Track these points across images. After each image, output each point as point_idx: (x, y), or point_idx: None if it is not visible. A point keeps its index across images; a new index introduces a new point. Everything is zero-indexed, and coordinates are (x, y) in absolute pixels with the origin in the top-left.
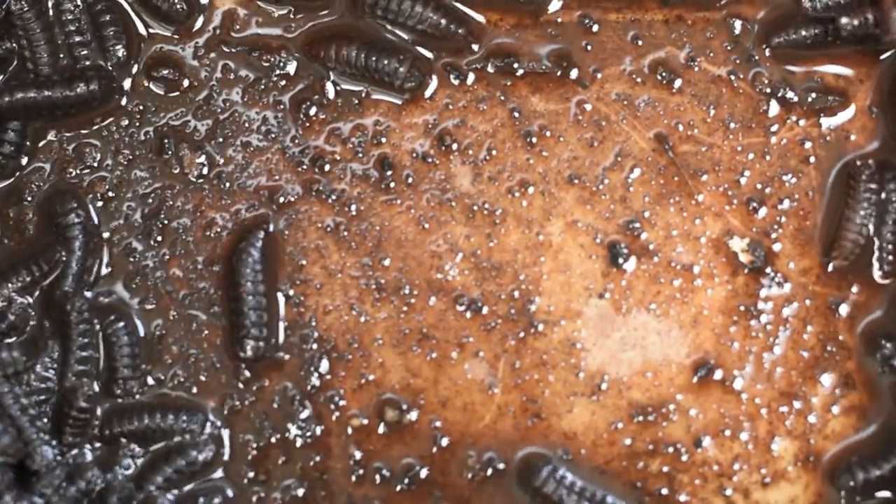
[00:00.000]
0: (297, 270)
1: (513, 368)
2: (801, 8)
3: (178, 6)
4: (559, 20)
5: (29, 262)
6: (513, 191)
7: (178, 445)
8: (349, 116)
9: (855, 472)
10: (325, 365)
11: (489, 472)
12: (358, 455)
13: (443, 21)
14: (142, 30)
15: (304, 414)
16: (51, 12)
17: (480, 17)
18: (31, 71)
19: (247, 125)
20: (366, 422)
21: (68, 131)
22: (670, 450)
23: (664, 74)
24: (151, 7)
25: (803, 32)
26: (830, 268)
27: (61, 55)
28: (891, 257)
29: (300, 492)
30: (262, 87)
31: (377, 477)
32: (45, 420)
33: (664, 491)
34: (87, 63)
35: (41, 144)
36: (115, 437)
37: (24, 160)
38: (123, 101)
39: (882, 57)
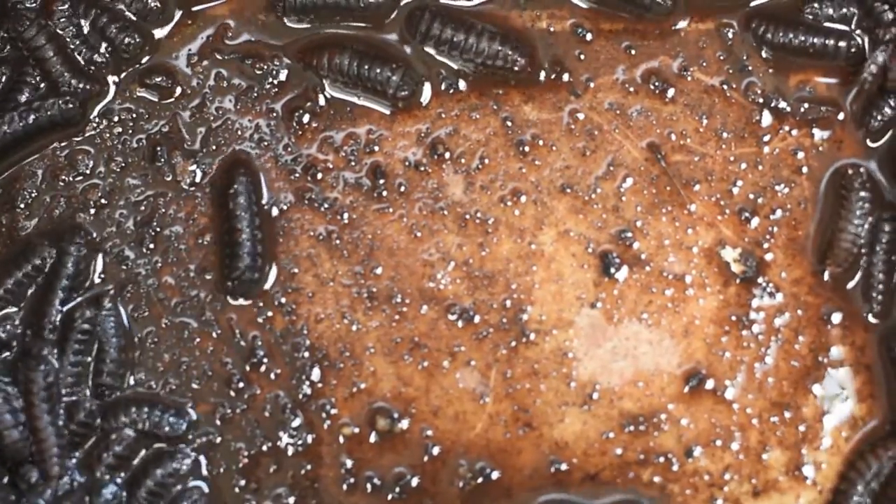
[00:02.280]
0: (289, 279)
1: (504, 378)
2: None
3: (153, 5)
4: (552, 29)
5: (20, 262)
6: (505, 200)
7: (157, 455)
8: (342, 125)
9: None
10: (316, 373)
11: (480, 480)
12: (349, 463)
13: (501, 51)
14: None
15: (296, 422)
16: (52, 26)
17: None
18: (57, 85)
19: (239, 133)
20: (357, 430)
21: (61, 140)
22: (661, 459)
23: (657, 84)
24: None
25: (790, 36)
26: (826, 276)
27: (80, 61)
28: (881, 297)
29: (291, 500)
30: (255, 94)
31: (368, 486)
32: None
33: (655, 500)
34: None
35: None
36: (106, 433)
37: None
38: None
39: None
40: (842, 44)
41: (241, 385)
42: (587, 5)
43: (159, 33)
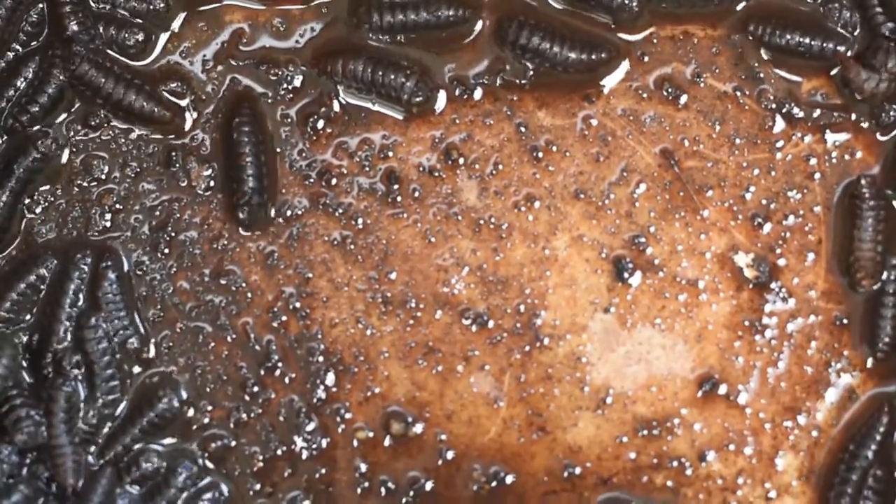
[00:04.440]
0: (304, 283)
1: (518, 382)
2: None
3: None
4: None
5: (23, 273)
6: (519, 205)
7: (165, 475)
8: (356, 130)
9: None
10: (331, 378)
11: (494, 484)
12: (363, 467)
13: (586, 59)
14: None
15: (310, 426)
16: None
17: (637, 37)
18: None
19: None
20: (371, 434)
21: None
22: (675, 464)
23: (670, 90)
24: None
25: (787, 38)
26: (862, 290)
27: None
28: (885, 347)
29: None
30: (270, 100)
31: (382, 489)
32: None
33: None
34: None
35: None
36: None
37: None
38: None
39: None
40: (841, 48)
41: (255, 389)
42: (561, 6)
43: (163, 35)
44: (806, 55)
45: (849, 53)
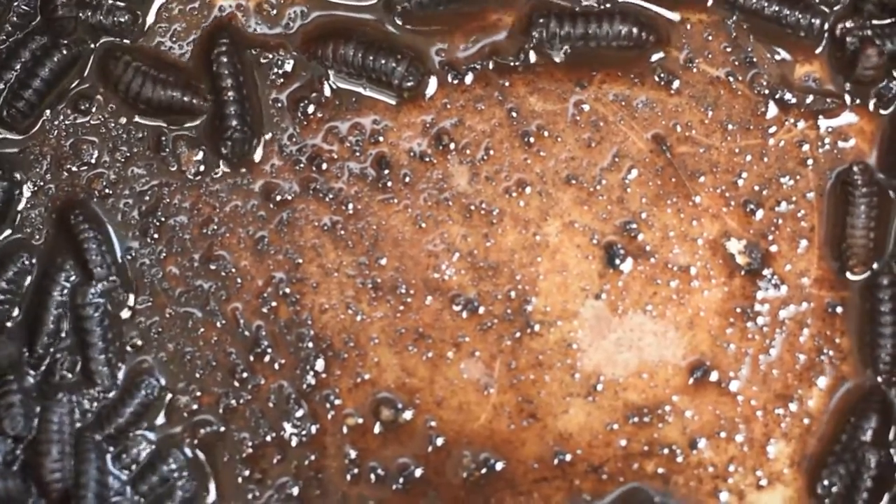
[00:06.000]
0: (294, 269)
1: (509, 369)
2: None
3: None
4: None
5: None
6: (510, 191)
7: (151, 461)
8: (347, 115)
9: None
10: (320, 364)
11: (484, 471)
12: (353, 454)
13: (633, 30)
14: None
15: (300, 413)
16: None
17: (675, 16)
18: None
19: None
20: (361, 421)
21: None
22: (666, 451)
23: (662, 75)
24: None
25: (763, 4)
26: (855, 278)
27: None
28: (887, 367)
29: (295, 490)
30: (260, 84)
31: (372, 476)
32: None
33: (659, 492)
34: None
35: (38, 140)
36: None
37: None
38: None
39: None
40: (815, 21)
41: (245, 375)
42: None
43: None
44: (782, 23)
45: (825, 26)
